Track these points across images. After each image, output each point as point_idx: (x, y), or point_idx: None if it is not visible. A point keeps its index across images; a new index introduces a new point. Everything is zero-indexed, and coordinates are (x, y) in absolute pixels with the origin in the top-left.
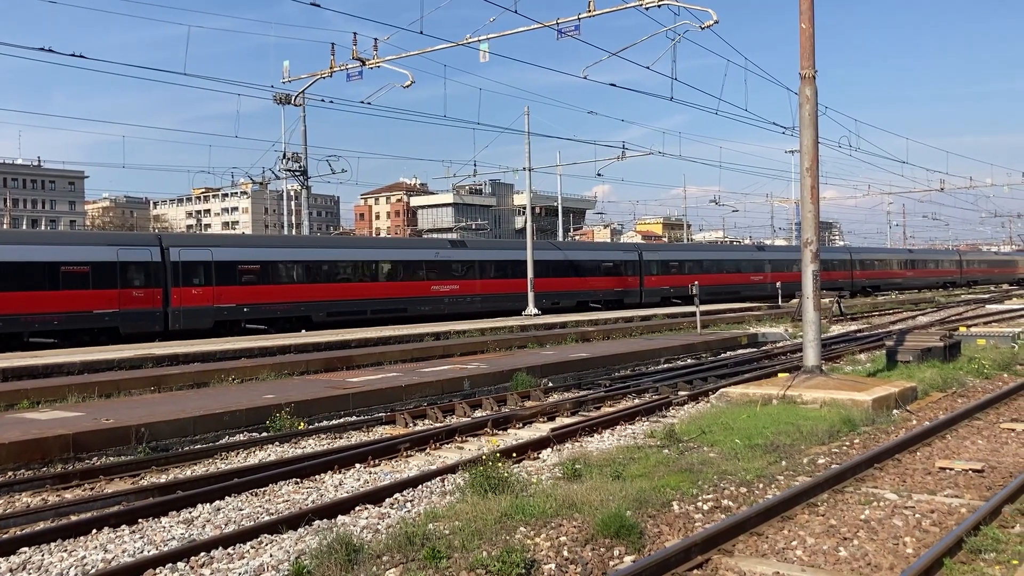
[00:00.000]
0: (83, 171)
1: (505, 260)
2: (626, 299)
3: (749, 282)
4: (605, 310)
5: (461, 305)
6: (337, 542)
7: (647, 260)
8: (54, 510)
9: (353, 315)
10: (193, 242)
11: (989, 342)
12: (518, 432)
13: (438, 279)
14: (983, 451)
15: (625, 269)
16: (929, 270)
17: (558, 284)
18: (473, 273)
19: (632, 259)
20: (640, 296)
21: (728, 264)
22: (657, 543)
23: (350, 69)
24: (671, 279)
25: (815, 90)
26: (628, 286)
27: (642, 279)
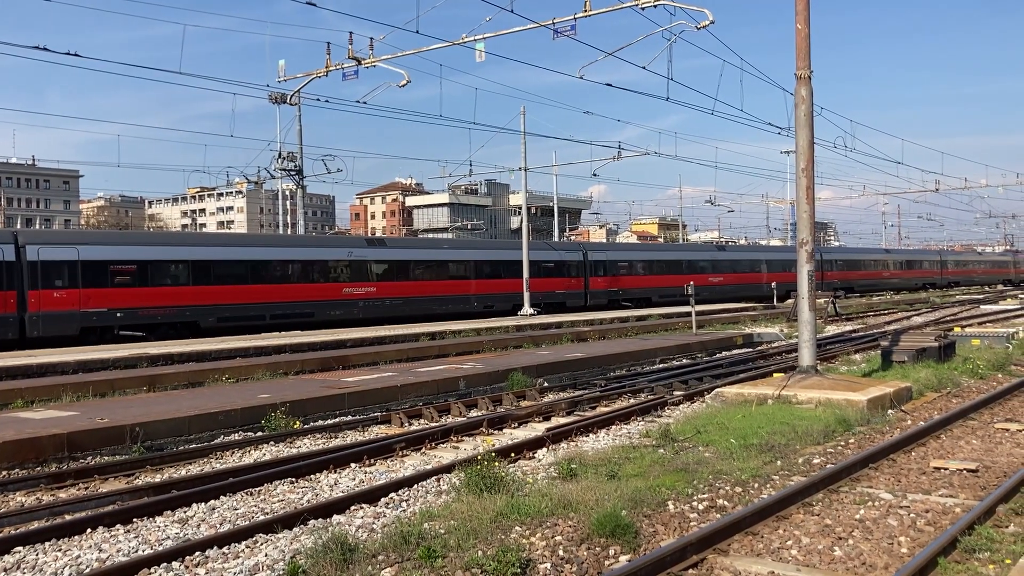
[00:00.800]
0: (78, 170)
1: (430, 260)
2: (569, 302)
3: (707, 283)
4: (545, 314)
5: (379, 309)
6: (332, 541)
7: (593, 260)
8: (48, 509)
9: (248, 320)
10: (56, 239)
11: (984, 342)
12: (514, 432)
13: (352, 281)
14: (977, 451)
15: (568, 270)
16: (907, 271)
17: (488, 286)
18: (392, 275)
19: (576, 259)
20: (585, 299)
21: (683, 265)
22: (653, 543)
23: (346, 68)
24: (621, 281)
25: (811, 90)
26: (571, 288)
27: (587, 280)
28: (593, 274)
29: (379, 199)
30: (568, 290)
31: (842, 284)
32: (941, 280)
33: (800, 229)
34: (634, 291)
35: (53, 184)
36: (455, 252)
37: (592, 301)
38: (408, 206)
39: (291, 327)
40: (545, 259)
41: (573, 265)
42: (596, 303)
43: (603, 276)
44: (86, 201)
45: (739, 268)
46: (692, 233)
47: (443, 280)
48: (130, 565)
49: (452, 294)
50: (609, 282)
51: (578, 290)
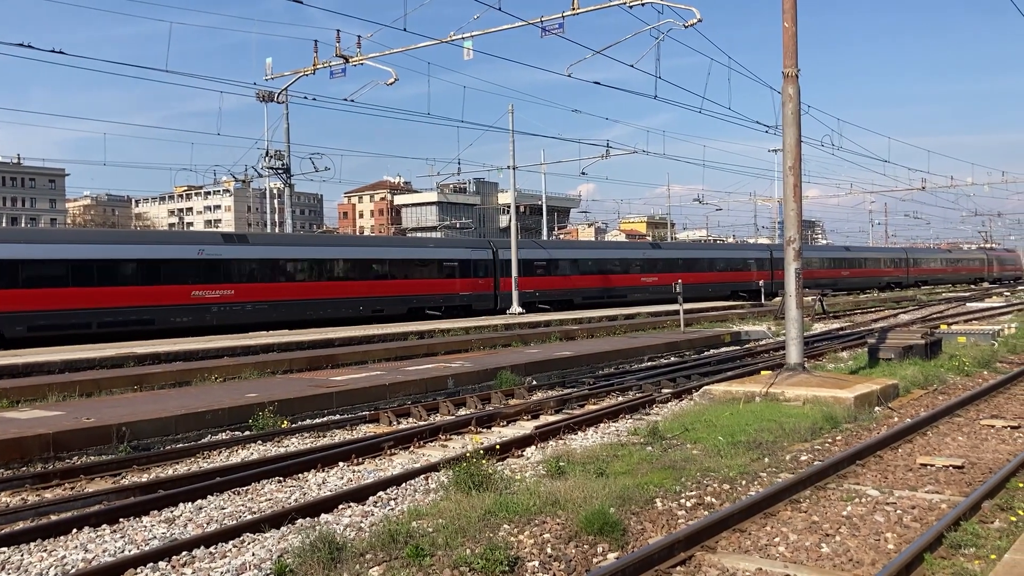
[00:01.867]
0: (64, 169)
1: (307, 259)
2: (476, 305)
3: (640, 284)
4: (447, 318)
5: (239, 315)
6: (320, 540)
7: (505, 260)
8: (34, 510)
9: (69, 329)
10: None
11: (970, 340)
12: (502, 430)
13: (203, 283)
14: (963, 447)
15: (475, 270)
16: (869, 270)
17: (381, 288)
18: (257, 276)
19: (484, 258)
20: (495, 301)
21: (612, 264)
22: (640, 540)
23: (333, 66)
24: (538, 281)
25: (798, 88)
26: (479, 289)
27: (498, 281)
28: (505, 274)
29: (367, 198)
30: (474, 292)
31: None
32: (907, 279)
33: (787, 227)
34: (553, 293)
35: (39, 183)
36: (339, 250)
37: (504, 304)
38: (396, 205)
39: (126, 336)
40: (446, 257)
41: (481, 264)
42: (508, 306)
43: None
44: (72, 200)
45: (677, 268)
46: (681, 231)
47: (323, 281)
48: (116, 565)
49: (334, 297)
50: (523, 283)
51: (486, 292)
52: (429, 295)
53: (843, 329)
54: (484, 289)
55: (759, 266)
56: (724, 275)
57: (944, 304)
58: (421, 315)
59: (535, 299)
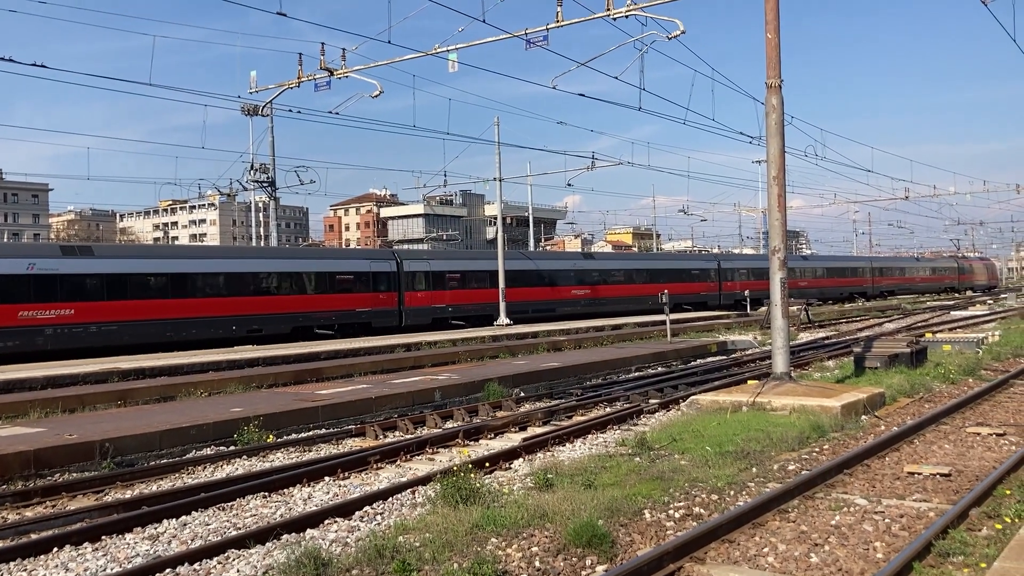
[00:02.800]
0: (47, 183)
1: (163, 273)
2: (377, 322)
3: (570, 297)
4: (340, 337)
5: (79, 338)
6: (305, 556)
7: (410, 272)
8: (13, 528)
9: None
10: None
11: (955, 348)
12: (489, 442)
13: (36, 302)
14: (950, 455)
15: (376, 283)
16: (829, 280)
17: (250, 305)
18: (103, 293)
19: (386, 270)
20: (400, 318)
21: (534, 276)
22: (629, 552)
23: (318, 79)
24: (448, 295)
25: (781, 99)
26: (380, 305)
27: (402, 295)
28: (411, 288)
29: (353, 210)
30: (375, 307)
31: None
32: (872, 289)
33: (772, 237)
34: (467, 307)
35: (22, 198)
36: (205, 263)
37: (410, 320)
38: (383, 217)
39: None
40: (339, 270)
41: (383, 277)
42: (417, 322)
43: (425, 290)
44: (56, 215)
45: (614, 279)
46: (666, 242)
47: (187, 298)
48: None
49: (200, 316)
50: (432, 297)
51: (388, 307)
52: (319, 312)
53: (829, 338)
54: (386, 304)
55: (705, 277)
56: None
57: (929, 313)
58: (309, 334)
59: (446, 315)
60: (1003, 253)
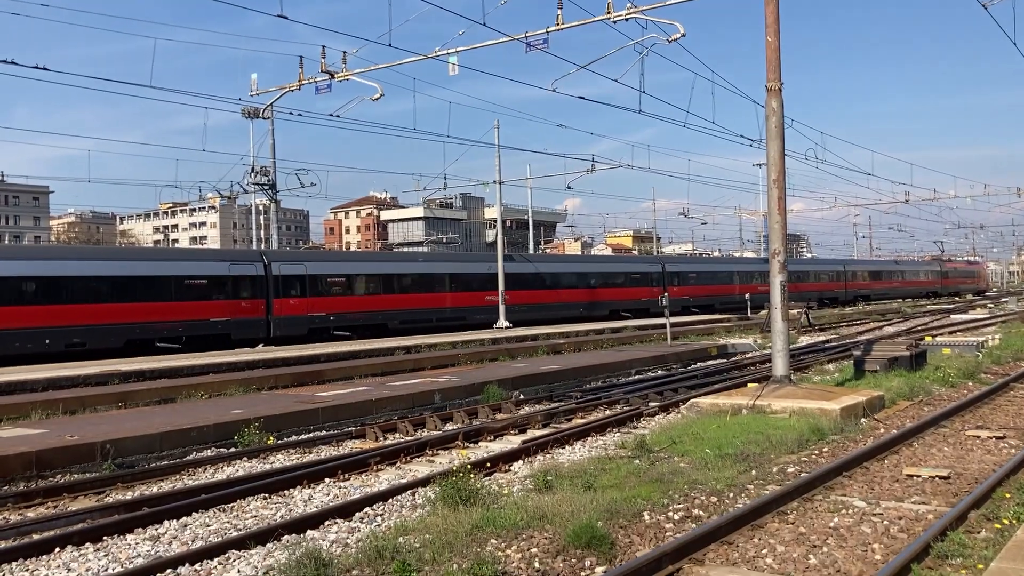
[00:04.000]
0: (48, 186)
1: None
2: (237, 333)
3: (484, 303)
4: (188, 351)
5: None
6: (306, 557)
7: (282, 275)
8: (15, 529)
9: None
10: None
11: (954, 351)
12: (489, 444)
13: None
14: (949, 458)
15: (237, 289)
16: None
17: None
18: None
19: (250, 274)
20: (267, 328)
21: (444, 280)
22: (628, 553)
23: (319, 82)
24: (330, 302)
25: (781, 102)
26: (242, 314)
27: (270, 303)
28: (283, 294)
29: (353, 213)
30: (235, 316)
31: (696, 302)
32: (844, 294)
33: (772, 240)
34: (356, 316)
35: (23, 200)
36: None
37: (281, 331)
38: (383, 220)
39: None
40: (188, 273)
41: (246, 282)
42: (289, 334)
43: (301, 297)
44: (56, 217)
45: (538, 284)
46: (667, 245)
47: None
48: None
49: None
50: (309, 305)
51: (253, 317)
52: (161, 322)
53: (829, 341)
54: (250, 313)
55: (647, 281)
56: (601, 292)
57: (929, 316)
58: (150, 348)
59: (329, 324)
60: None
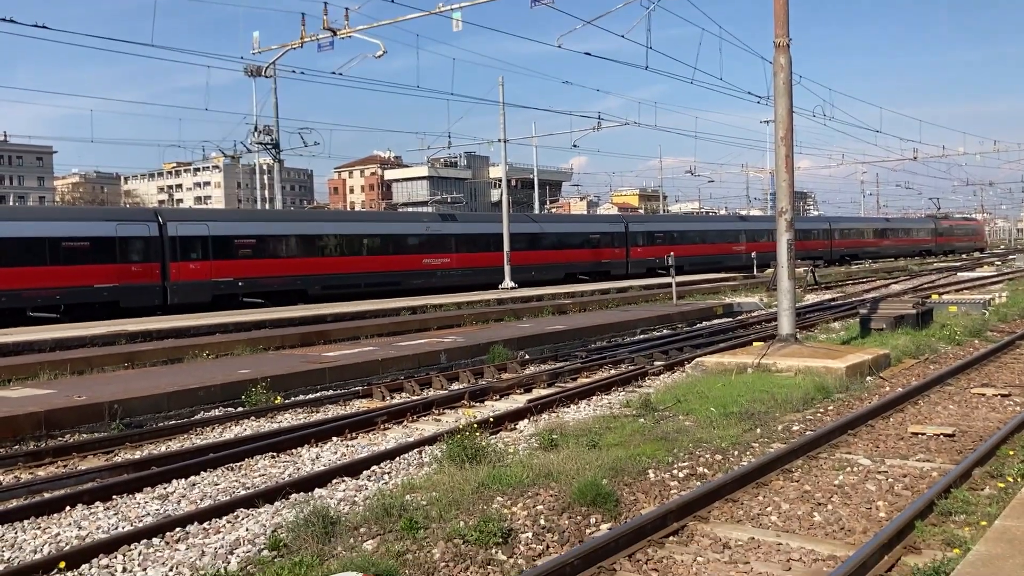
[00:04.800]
0: (51, 146)
1: None
2: (126, 301)
3: (421, 267)
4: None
5: None
6: (314, 515)
7: (180, 236)
8: (26, 487)
9: None
10: None
11: (961, 309)
12: (495, 404)
13: None
14: (954, 416)
15: (127, 251)
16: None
17: None
18: None
19: (141, 234)
20: (163, 295)
21: (372, 242)
22: (633, 511)
23: (321, 39)
24: (239, 266)
25: (789, 59)
26: (133, 279)
27: (166, 268)
28: (182, 257)
29: (357, 173)
30: (124, 283)
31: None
32: (829, 253)
33: (779, 198)
34: (269, 282)
35: (26, 160)
36: None
37: (180, 298)
38: (387, 180)
39: None
40: (68, 235)
41: (137, 244)
42: (189, 301)
43: (203, 260)
44: (61, 178)
45: (481, 246)
46: (673, 204)
47: None
48: (110, 542)
49: None
50: (214, 268)
51: (145, 283)
52: (34, 289)
53: (835, 300)
54: (142, 279)
55: (610, 242)
56: (553, 254)
57: (935, 274)
58: (21, 318)
59: (236, 290)
60: (1012, 214)
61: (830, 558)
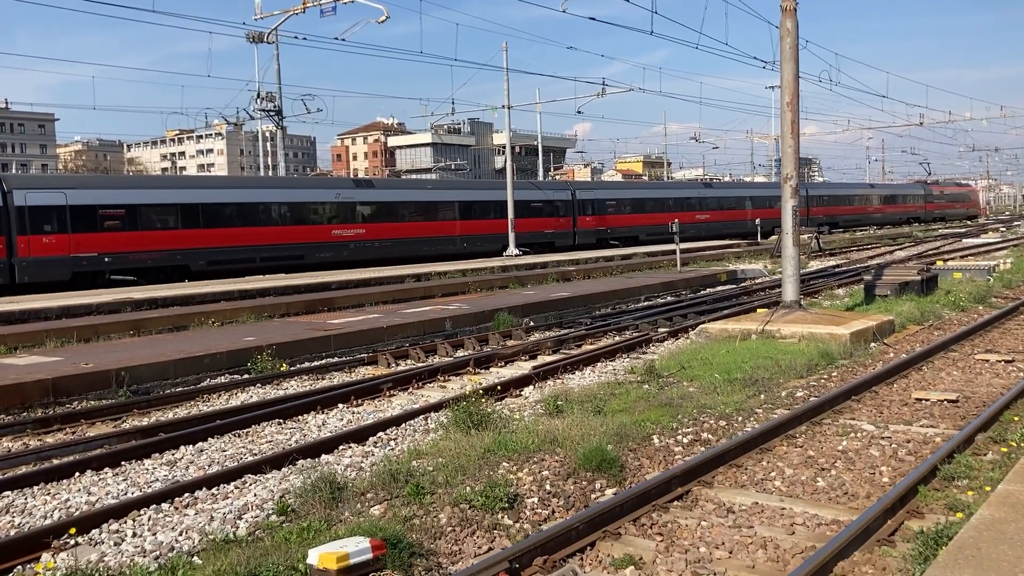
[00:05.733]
0: (53, 113)
1: None
2: None
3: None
4: None
5: None
6: (321, 480)
7: (30, 207)
8: (35, 454)
9: None
10: None
11: (965, 275)
12: (500, 370)
13: None
14: (958, 382)
15: None
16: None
17: None
18: None
19: None
20: (11, 273)
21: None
22: (638, 476)
23: (323, 5)
24: (109, 239)
25: (796, 23)
26: None
27: (13, 242)
28: (34, 229)
29: (360, 139)
30: None
31: (614, 233)
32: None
33: (785, 164)
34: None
35: (28, 128)
36: None
37: (30, 276)
38: (390, 146)
39: None
40: None
41: None
42: (42, 279)
43: (60, 233)
44: (63, 145)
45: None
46: (677, 171)
47: None
48: (120, 507)
49: None
50: (75, 243)
51: None
52: None
53: (839, 266)
54: None
55: (552, 211)
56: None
57: (940, 240)
58: None
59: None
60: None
61: (833, 522)
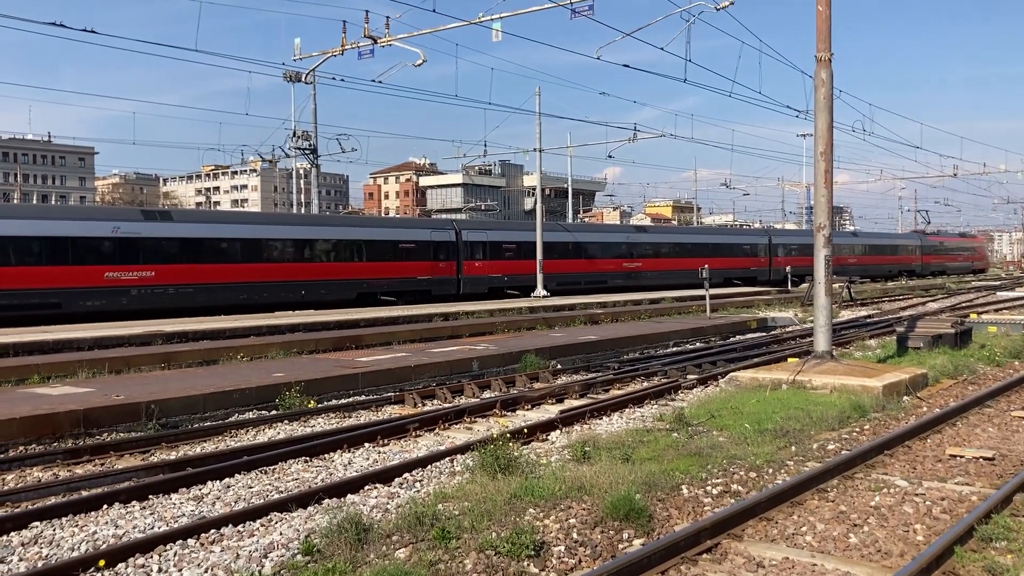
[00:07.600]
0: (93, 147)
1: None
2: None
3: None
4: None
5: None
6: (347, 521)
7: None
8: (65, 485)
9: None
10: None
11: (1000, 329)
12: (527, 413)
13: None
14: (994, 439)
15: None
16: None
17: None
18: None
19: None
20: None
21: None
22: (666, 527)
23: (361, 47)
24: None
25: (831, 73)
26: None
27: None
28: None
29: (393, 179)
30: None
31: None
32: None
33: (817, 213)
34: None
35: (68, 161)
36: None
37: None
38: (422, 186)
39: None
40: None
41: None
42: None
43: None
44: (101, 178)
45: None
46: (707, 216)
47: None
48: (146, 542)
49: None
50: None
51: None
52: None
53: (871, 317)
54: None
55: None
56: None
57: (974, 293)
58: None
59: None
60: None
61: None
